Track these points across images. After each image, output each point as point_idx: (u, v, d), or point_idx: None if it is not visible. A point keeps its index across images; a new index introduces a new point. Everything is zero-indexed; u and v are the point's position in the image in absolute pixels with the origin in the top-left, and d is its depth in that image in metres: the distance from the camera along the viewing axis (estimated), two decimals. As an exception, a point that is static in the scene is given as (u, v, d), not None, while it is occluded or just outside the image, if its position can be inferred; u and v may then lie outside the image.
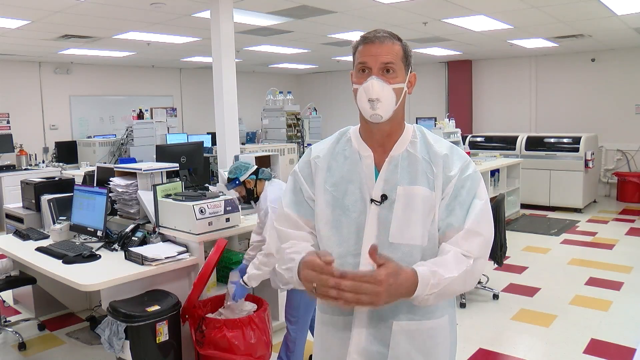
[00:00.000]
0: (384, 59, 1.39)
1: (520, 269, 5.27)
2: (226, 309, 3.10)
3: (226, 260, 3.55)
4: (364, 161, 1.46)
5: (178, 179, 3.84)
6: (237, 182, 3.09)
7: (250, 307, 3.11)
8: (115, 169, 3.91)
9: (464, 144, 8.45)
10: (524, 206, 8.16)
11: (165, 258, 3.03)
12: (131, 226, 3.45)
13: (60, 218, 3.76)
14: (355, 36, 1.46)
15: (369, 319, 1.44)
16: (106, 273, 2.88)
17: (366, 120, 1.43)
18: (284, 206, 1.56)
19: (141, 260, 2.98)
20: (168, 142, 8.29)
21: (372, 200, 1.43)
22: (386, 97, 1.38)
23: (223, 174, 3.92)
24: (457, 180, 1.41)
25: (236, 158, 4.58)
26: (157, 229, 3.40)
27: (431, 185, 1.41)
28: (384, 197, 1.42)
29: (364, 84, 1.39)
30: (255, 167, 3.13)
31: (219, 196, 3.44)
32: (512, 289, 4.73)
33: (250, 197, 3.14)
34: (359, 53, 1.42)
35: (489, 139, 9.08)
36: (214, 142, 8.31)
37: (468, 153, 7.31)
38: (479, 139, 9.14)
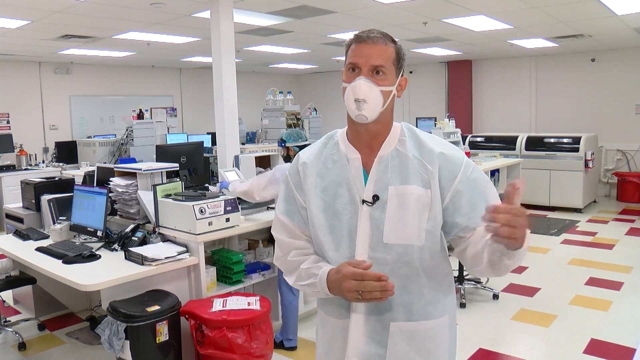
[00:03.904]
0: (374, 61, 1.37)
1: (520, 269, 5.27)
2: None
3: (226, 260, 3.55)
4: (352, 163, 1.45)
5: (178, 179, 3.84)
6: (283, 144, 3.63)
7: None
8: (115, 169, 3.90)
9: (464, 144, 8.44)
10: (524, 206, 8.13)
11: (165, 258, 3.03)
12: (131, 226, 3.45)
13: (60, 218, 3.75)
14: (354, 36, 1.46)
15: (366, 321, 1.44)
16: (106, 273, 2.89)
17: (353, 121, 1.43)
18: (278, 214, 1.56)
19: (141, 260, 2.98)
20: (168, 142, 8.29)
21: (363, 202, 1.42)
22: (373, 98, 1.37)
23: (223, 174, 3.94)
24: (465, 177, 1.40)
25: (236, 158, 4.58)
26: (157, 229, 3.40)
27: (425, 184, 1.40)
28: (375, 198, 1.41)
29: (352, 84, 1.38)
30: (306, 143, 3.60)
31: (219, 196, 3.44)
32: (512, 289, 4.73)
33: (286, 161, 3.70)
34: (351, 52, 1.41)
35: (489, 139, 9.08)
36: (214, 142, 8.32)
37: (468, 153, 7.32)
38: (479, 139, 9.14)
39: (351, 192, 1.44)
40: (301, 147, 3.58)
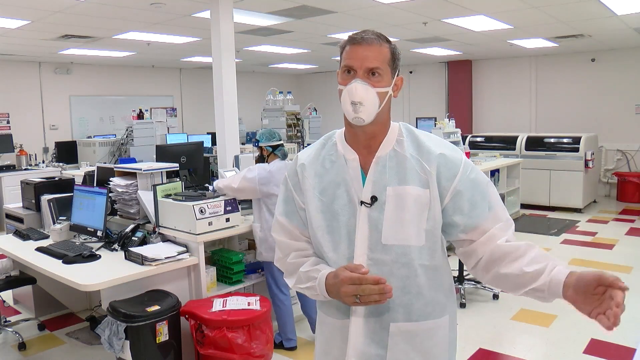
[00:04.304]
0: (369, 63, 1.36)
1: (520, 269, 5.26)
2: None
3: (226, 260, 3.55)
4: (350, 164, 1.45)
5: (178, 179, 3.84)
6: (256, 143, 3.60)
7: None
8: (115, 169, 3.91)
9: (464, 144, 8.44)
10: (524, 206, 8.16)
11: (165, 258, 3.03)
12: (131, 226, 3.46)
13: (60, 218, 3.76)
14: (354, 37, 1.45)
15: (366, 322, 1.44)
16: (106, 273, 2.89)
17: (350, 123, 1.42)
18: (278, 215, 1.56)
19: (141, 260, 2.98)
20: (168, 142, 8.29)
21: (361, 203, 1.41)
22: (369, 100, 1.37)
23: (223, 174, 3.94)
24: (465, 177, 1.41)
25: (236, 158, 4.58)
26: (157, 229, 3.40)
27: (424, 184, 1.40)
28: (373, 199, 1.41)
29: (347, 86, 1.38)
30: (279, 143, 3.60)
31: (219, 196, 3.44)
32: (512, 289, 4.72)
33: (260, 161, 3.64)
34: (346, 54, 1.41)
35: (489, 139, 9.08)
36: (214, 142, 8.31)
37: (468, 153, 7.32)
38: (479, 139, 9.14)
39: (349, 193, 1.44)
40: (274, 147, 3.57)
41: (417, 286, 1.43)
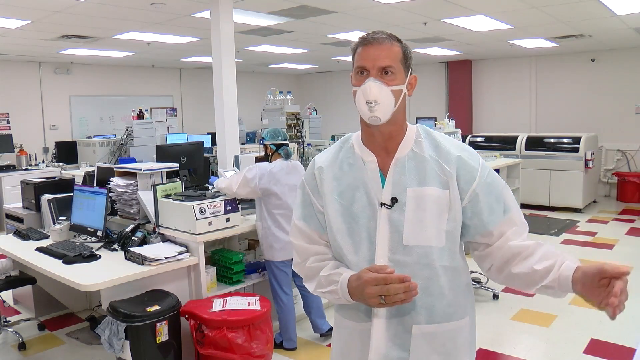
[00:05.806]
0: (382, 62, 1.37)
1: (520, 269, 5.26)
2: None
3: (226, 260, 3.55)
4: (368, 166, 1.45)
5: (178, 179, 3.84)
6: (262, 141, 3.67)
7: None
8: (115, 169, 3.91)
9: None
10: (524, 206, 8.16)
11: (165, 258, 3.03)
12: (131, 226, 3.46)
13: (60, 218, 3.76)
14: (355, 36, 1.46)
15: (388, 324, 1.43)
16: (106, 273, 2.89)
17: (366, 124, 1.42)
18: (295, 219, 1.54)
19: (141, 260, 2.98)
20: (168, 142, 8.29)
21: (382, 204, 1.41)
22: (384, 98, 1.37)
23: (223, 174, 3.95)
24: (483, 180, 1.41)
25: (236, 158, 4.59)
26: (157, 229, 3.40)
27: (444, 185, 1.40)
28: (394, 200, 1.40)
29: (362, 86, 1.38)
30: (284, 142, 3.62)
31: (218, 196, 3.44)
32: (512, 289, 4.72)
33: (264, 159, 3.70)
34: (358, 55, 1.41)
35: (489, 139, 9.08)
36: (214, 142, 8.32)
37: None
38: (479, 139, 9.13)
39: (369, 195, 1.43)
40: (278, 146, 3.59)
41: (439, 287, 1.42)
